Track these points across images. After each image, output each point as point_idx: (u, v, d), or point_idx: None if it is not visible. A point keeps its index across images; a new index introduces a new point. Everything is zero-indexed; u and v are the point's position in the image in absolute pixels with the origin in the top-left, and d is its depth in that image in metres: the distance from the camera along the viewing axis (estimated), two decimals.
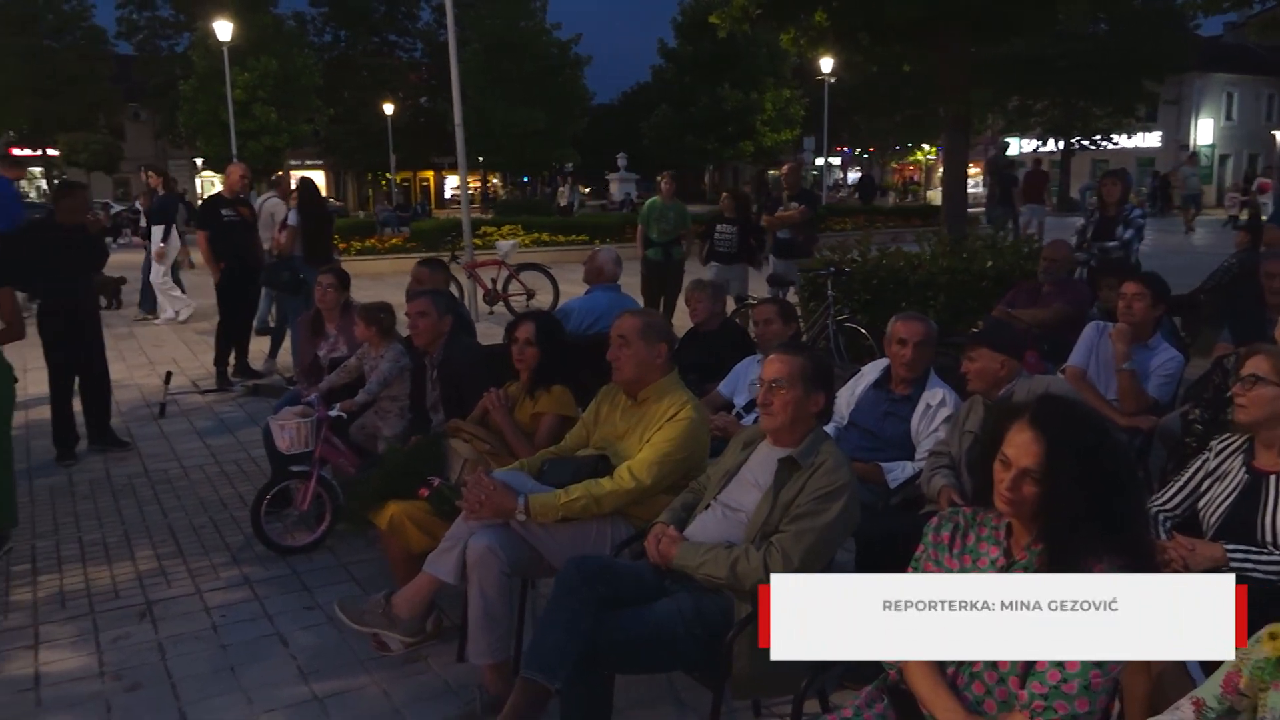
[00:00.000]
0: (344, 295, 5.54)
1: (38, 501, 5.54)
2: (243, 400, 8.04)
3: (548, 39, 42.20)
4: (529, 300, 12.54)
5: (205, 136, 37.38)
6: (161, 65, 45.80)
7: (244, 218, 8.63)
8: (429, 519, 3.62)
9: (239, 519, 5.18)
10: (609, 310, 5.46)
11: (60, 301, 6.19)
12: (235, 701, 3.39)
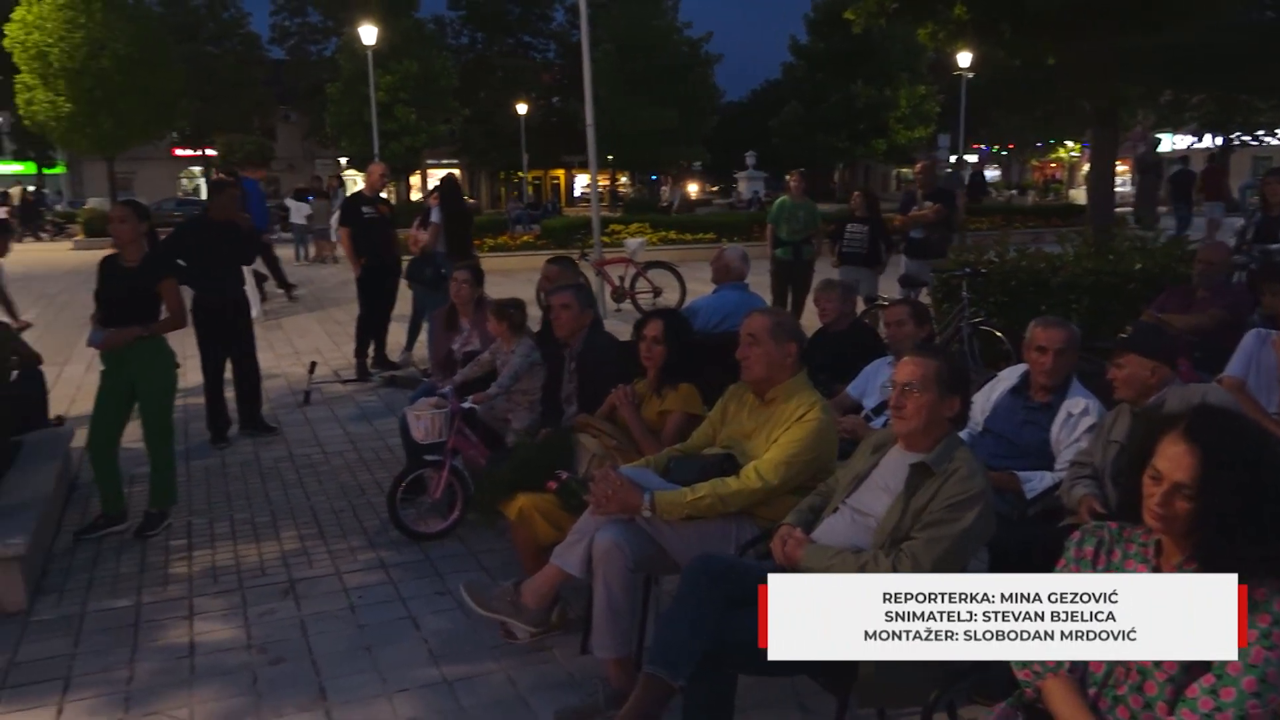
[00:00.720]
0: (478, 291, 5.69)
1: (194, 482, 5.89)
2: (380, 390, 8.35)
3: (678, 38, 42.33)
4: (656, 298, 12.61)
5: (349, 137, 39.00)
6: (310, 69, 48.01)
7: (383, 215, 8.97)
8: (556, 511, 3.69)
9: (376, 504, 5.38)
10: (736, 308, 5.44)
11: (214, 294, 6.56)
12: (370, 680, 3.52)
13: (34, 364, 6.25)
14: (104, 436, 5.03)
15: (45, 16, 30.38)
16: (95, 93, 30.78)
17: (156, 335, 5.06)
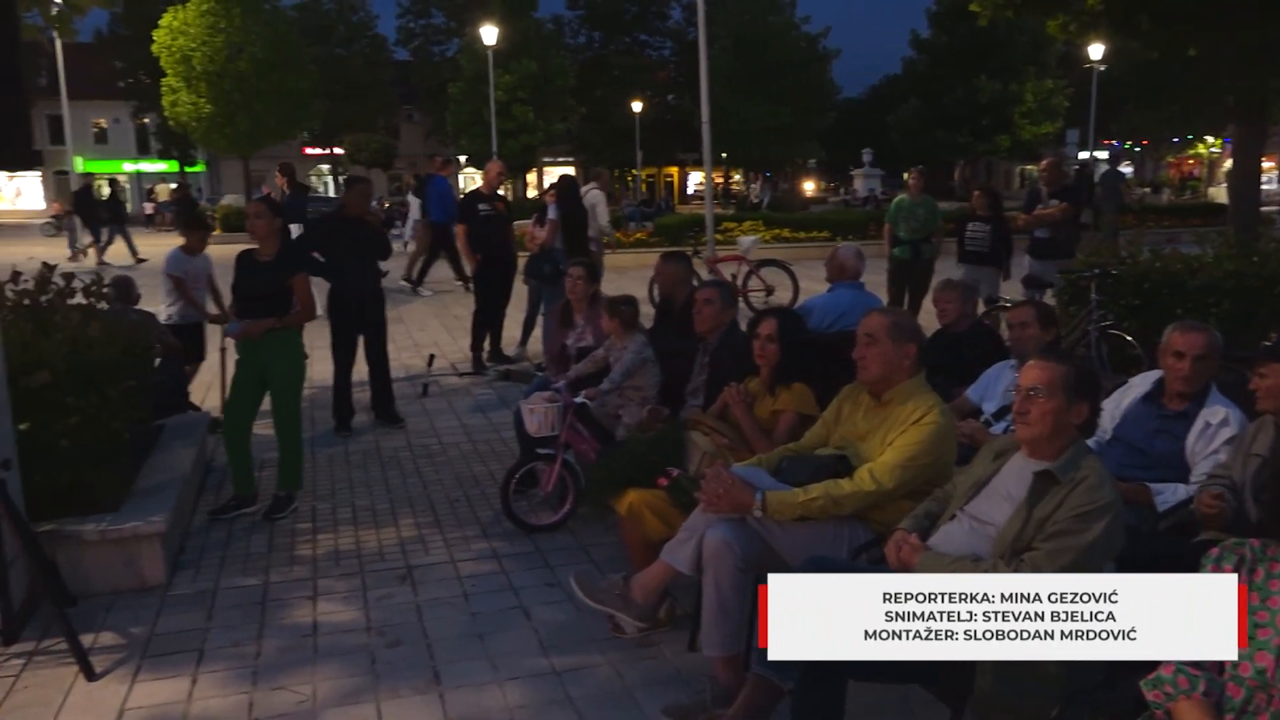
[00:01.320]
0: (593, 287, 5.75)
1: (318, 468, 6.13)
2: (495, 384, 8.53)
3: (796, 33, 41.87)
4: (768, 296, 12.52)
5: (469, 135, 39.95)
6: (434, 70, 49.37)
7: (499, 212, 9.15)
8: (667, 508, 3.70)
9: (489, 495, 5.50)
10: (851, 308, 5.35)
11: (348, 288, 6.82)
12: (482, 667, 3.60)
13: (175, 352, 6.60)
14: (238, 422, 5.28)
15: (189, 22, 32.06)
16: (234, 94, 32.33)
17: (288, 327, 5.29)
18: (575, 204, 9.31)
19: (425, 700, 3.39)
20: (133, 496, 4.60)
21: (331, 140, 47.96)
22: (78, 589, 4.18)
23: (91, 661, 3.60)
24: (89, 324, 4.66)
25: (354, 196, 7.02)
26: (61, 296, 4.91)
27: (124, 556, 4.30)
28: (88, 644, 3.72)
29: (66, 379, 4.30)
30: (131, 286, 6.60)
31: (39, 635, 3.86)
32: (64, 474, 4.31)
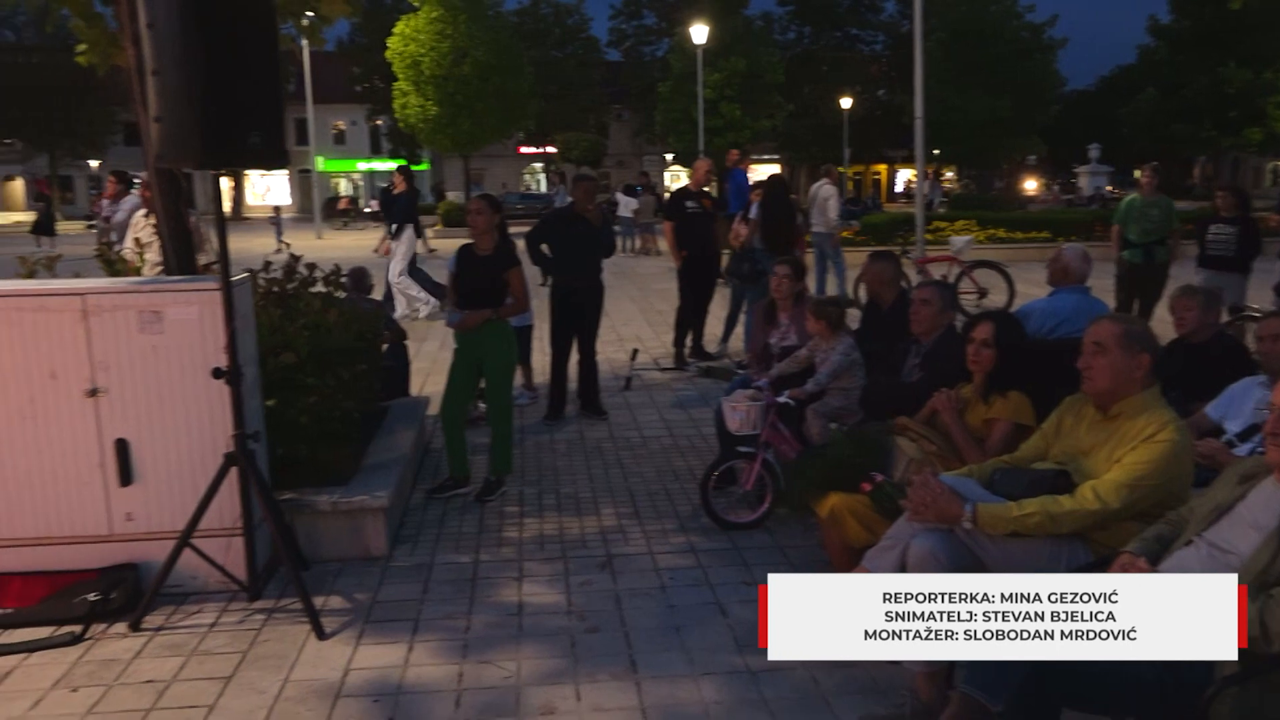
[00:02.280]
0: (798, 286, 5.70)
1: (526, 455, 6.38)
2: (696, 380, 8.60)
3: (1019, 23, 39.82)
4: (980, 299, 11.99)
5: (677, 134, 40.45)
6: (643, 69, 50.31)
7: (706, 209, 9.21)
8: (869, 514, 3.62)
9: (689, 490, 5.55)
10: (1075, 313, 5.05)
11: (570, 282, 7.07)
12: (677, 660, 3.65)
13: (401, 339, 7.05)
14: (454, 407, 5.58)
15: (420, 29, 34.12)
16: (457, 96, 34.15)
17: (503, 318, 5.53)
18: (780, 204, 9.24)
19: (622, 687, 3.46)
20: (361, 472, 4.95)
21: (545, 139, 49.78)
22: (311, 554, 4.54)
23: (322, 622, 3.90)
24: (328, 311, 5.05)
25: (580, 193, 7.29)
26: (305, 285, 5.35)
27: (352, 527, 4.64)
28: (319, 605, 4.03)
29: (308, 361, 4.68)
30: (365, 276, 7.10)
31: (278, 594, 4.23)
32: (303, 448, 4.69)
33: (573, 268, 7.12)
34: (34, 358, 4.09)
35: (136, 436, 4.17)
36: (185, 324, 4.11)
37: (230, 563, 4.14)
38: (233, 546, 4.16)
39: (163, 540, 4.13)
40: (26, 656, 3.74)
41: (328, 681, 3.52)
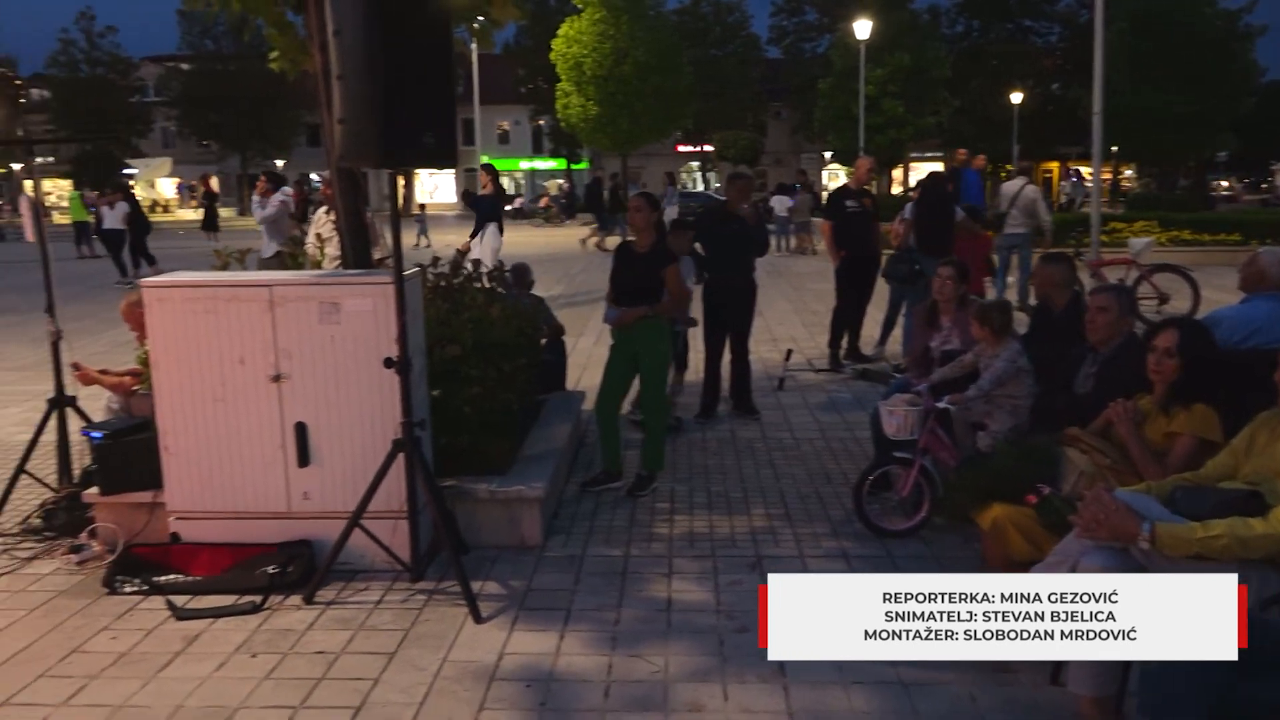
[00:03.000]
0: (962, 288, 5.51)
1: (678, 452, 6.41)
2: (851, 382, 8.44)
3: (1211, 10, 37.15)
4: (1161, 305, 11.27)
5: (836, 131, 39.83)
6: (803, 66, 49.72)
7: (866, 208, 9.02)
8: (1034, 528, 3.46)
9: (841, 494, 5.46)
10: (1270, 322, 4.68)
11: (723, 281, 7.08)
12: (827, 666, 3.57)
13: (559, 335, 7.22)
14: (609, 402, 5.67)
15: (583, 30, 34.83)
16: (617, 96, 34.68)
17: (659, 316, 5.58)
18: (938, 203, 8.96)
19: (769, 690, 3.44)
20: (518, 463, 5.10)
21: (702, 137, 49.90)
22: (470, 540, 4.70)
23: (479, 606, 4.04)
24: (491, 305, 5.22)
25: (734, 192, 7.29)
26: (470, 280, 5.55)
27: (509, 516, 4.78)
28: (476, 590, 4.17)
29: (471, 354, 4.85)
30: (527, 273, 7.29)
31: (438, 576, 4.40)
32: (464, 437, 4.87)
33: (726, 267, 7.10)
34: (226, 344, 4.40)
35: (314, 420, 4.43)
36: (360, 315, 4.34)
37: (396, 544, 4.34)
38: (398, 529, 4.36)
39: (334, 520, 4.37)
40: (213, 621, 4.03)
41: (483, 664, 3.64)
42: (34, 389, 8.34)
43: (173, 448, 4.51)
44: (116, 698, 3.45)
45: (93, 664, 3.69)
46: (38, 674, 3.62)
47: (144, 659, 3.73)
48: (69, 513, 4.97)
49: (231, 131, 52.17)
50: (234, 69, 51.16)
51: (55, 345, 5.31)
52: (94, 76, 53.02)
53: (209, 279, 4.61)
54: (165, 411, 4.50)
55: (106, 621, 4.05)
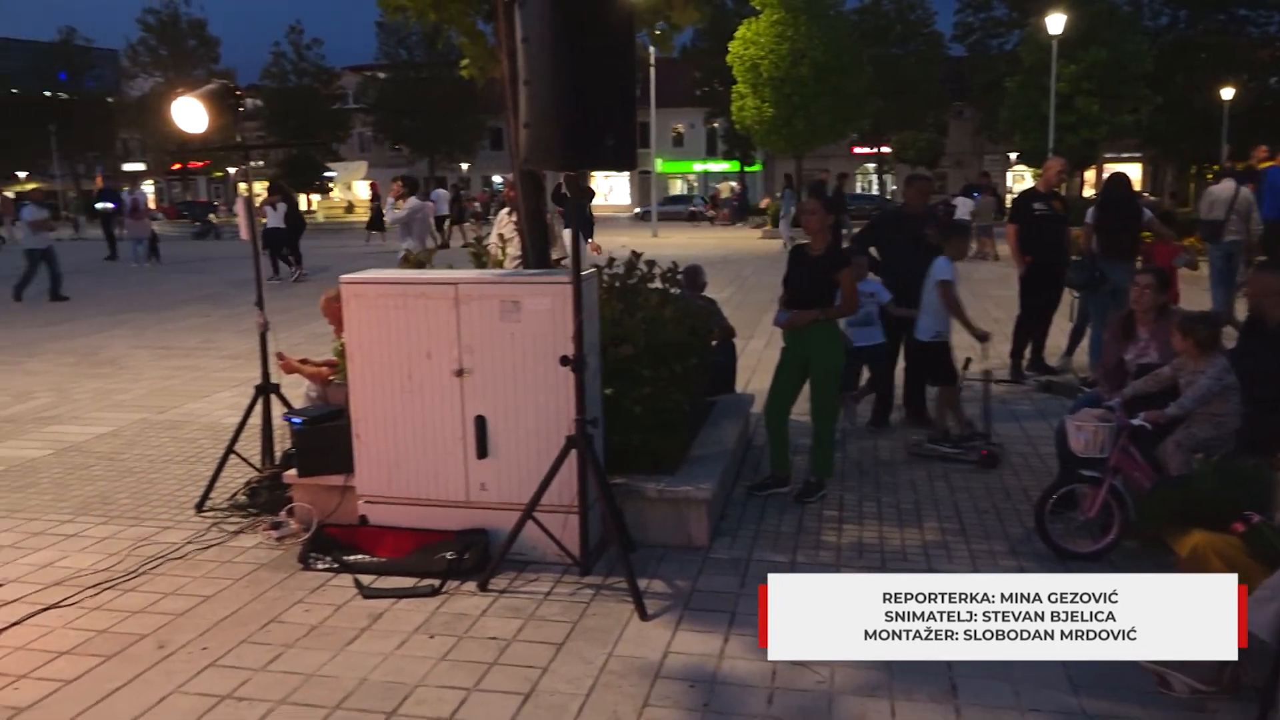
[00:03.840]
0: (1162, 298, 5.16)
1: (848, 460, 6.30)
2: (1034, 395, 8.05)
3: None
4: None
5: (1023, 131, 38.09)
6: (989, 64, 47.77)
7: (1055, 212, 8.58)
8: (1241, 557, 3.21)
9: (1021, 511, 5.22)
10: None
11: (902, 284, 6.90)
12: (1003, 690, 3.44)
13: (729, 336, 7.21)
14: (779, 406, 5.62)
15: (760, 32, 34.68)
16: (793, 98, 34.35)
17: (831, 320, 5.49)
18: (1121, 205, 8.39)
19: (940, 710, 3.32)
20: (687, 464, 5.13)
21: (879, 139, 48.74)
22: (637, 538, 4.77)
23: (645, 604, 4.09)
24: (664, 306, 5.27)
25: (913, 194, 7.11)
26: (644, 281, 5.62)
27: (676, 516, 4.82)
28: (642, 587, 4.22)
29: (644, 353, 4.91)
30: (699, 274, 7.31)
31: (605, 572, 4.49)
32: (635, 436, 4.93)
33: (901, 272, 6.91)
34: (414, 339, 4.63)
35: (493, 414, 4.60)
36: (539, 314, 4.47)
37: (566, 538, 4.45)
38: (569, 523, 4.47)
39: (508, 511, 4.53)
40: (395, 601, 4.25)
41: (648, 661, 3.68)
42: (242, 376, 9.04)
43: (363, 435, 4.79)
44: (308, 667, 3.69)
45: (288, 634, 3.97)
46: (240, 639, 3.92)
47: (333, 632, 3.97)
48: (270, 492, 5.36)
49: (421, 136, 54.93)
50: (425, 76, 53.92)
51: (263, 336, 5.72)
52: (301, 86, 56.93)
53: (401, 277, 4.86)
54: (357, 401, 4.78)
55: (301, 595, 4.34)
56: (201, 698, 3.48)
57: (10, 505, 5.63)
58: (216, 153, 24.71)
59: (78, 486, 5.97)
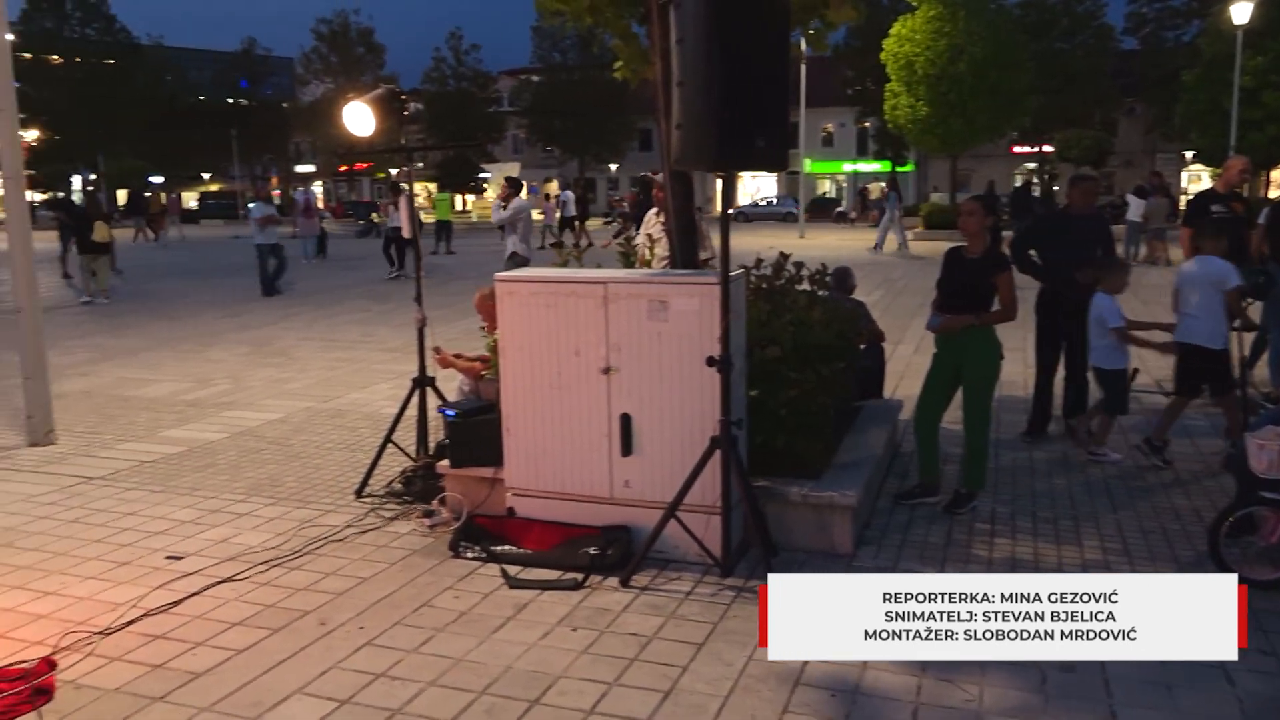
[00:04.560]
0: None
1: (1001, 471, 6.05)
2: (1209, 409, 7.52)
3: None
4: None
5: (1201, 128, 35.72)
6: (1164, 57, 45.05)
7: (1236, 213, 8.02)
8: None
9: (1192, 534, 4.91)
10: None
11: (1063, 287, 6.61)
12: (1165, 716, 3.24)
13: (878, 340, 7.06)
14: (929, 413, 5.47)
15: (916, 29, 33.76)
16: (949, 95, 33.28)
17: (987, 325, 5.29)
18: None
19: None
20: (831, 469, 5.04)
21: (1041, 137, 46.66)
22: (779, 542, 4.72)
23: None
24: (812, 308, 5.20)
25: (1077, 194, 6.80)
26: (791, 282, 5.56)
27: (819, 521, 4.75)
28: None
29: (790, 355, 4.86)
30: (848, 276, 7.19)
31: (746, 574, 4.46)
32: (779, 439, 4.89)
33: (1064, 275, 6.59)
34: (563, 336, 4.73)
35: (638, 412, 4.65)
36: (686, 314, 4.49)
37: (708, 538, 4.45)
38: (711, 524, 4.47)
39: (650, 509, 4.56)
40: (540, 593, 4.35)
41: (789, 667, 3.63)
42: (399, 369, 9.44)
43: (513, 430, 4.92)
44: (456, 651, 3.82)
45: (438, 618, 4.12)
46: (394, 621, 4.09)
47: (480, 620, 4.10)
48: (424, 481, 5.57)
49: (572, 138, 56.03)
50: (577, 79, 54.93)
51: (421, 331, 5.96)
52: (459, 90, 58.96)
53: (551, 275, 4.97)
54: (508, 396, 4.92)
55: (450, 582, 4.49)
56: (358, 674, 3.66)
57: (192, 484, 6.05)
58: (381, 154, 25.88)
59: (250, 469, 6.37)
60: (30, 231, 7.13)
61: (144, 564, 4.77)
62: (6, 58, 6.68)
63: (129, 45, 59.06)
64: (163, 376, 9.61)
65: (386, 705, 3.44)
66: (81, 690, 3.57)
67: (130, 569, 4.70)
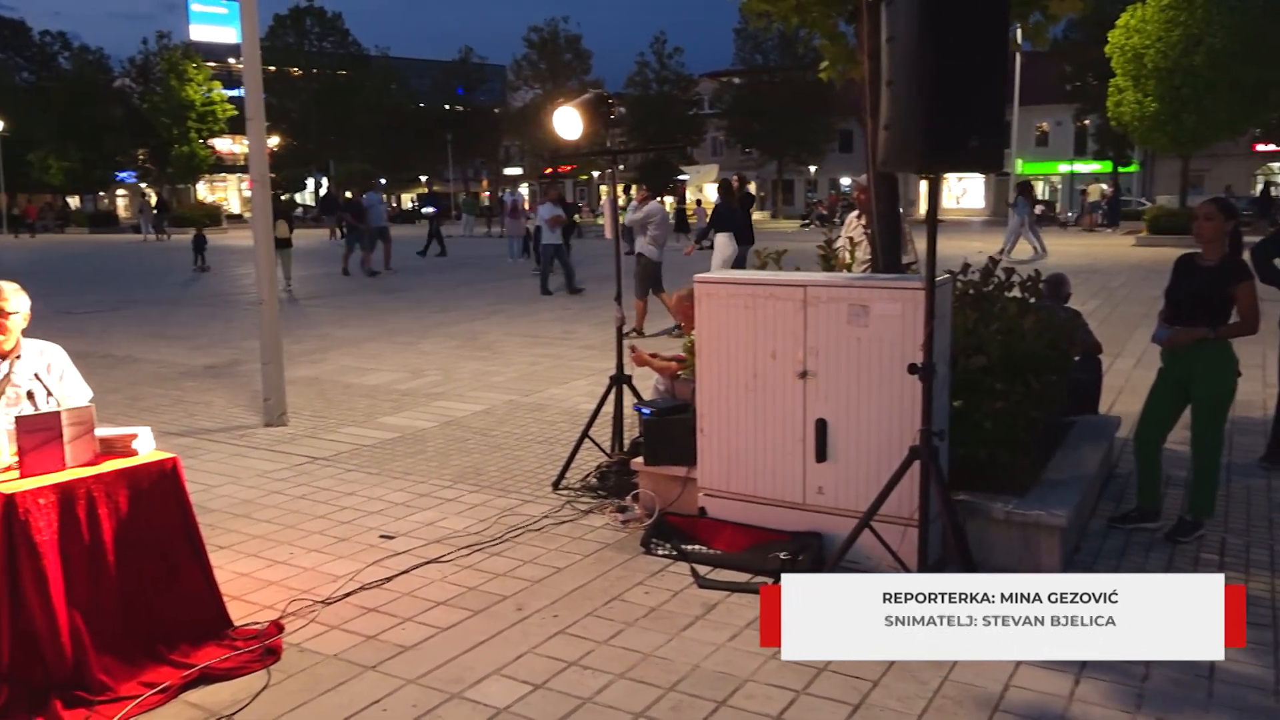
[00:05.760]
0: None
1: (1233, 498, 5.55)
2: None
3: None
4: None
5: None
6: None
7: None
8: None
9: None
10: None
11: None
12: None
13: (1095, 352, 6.63)
14: (1151, 432, 5.09)
15: (1147, 19, 31.47)
16: (1182, 90, 30.83)
17: (1222, 339, 4.87)
18: None
19: None
20: (1039, 486, 4.77)
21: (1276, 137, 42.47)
22: (979, 559, 4.49)
23: None
24: (1023, 316, 4.95)
25: None
26: (1001, 289, 5.31)
27: (1023, 540, 4.51)
28: None
29: (998, 366, 4.64)
30: (1063, 284, 6.79)
31: None
32: (983, 452, 4.67)
33: None
34: (760, 339, 4.71)
35: (834, 418, 4.56)
36: (888, 319, 4.37)
37: (903, 551, 4.31)
38: (907, 536, 4.33)
39: (843, 517, 4.47)
40: (729, 594, 4.35)
41: (987, 691, 3.47)
42: (597, 365, 9.68)
43: (707, 430, 4.94)
44: (646, 646, 3.88)
45: (629, 612, 4.19)
46: (586, 612, 4.20)
47: (669, 617, 4.14)
48: (618, 477, 5.69)
49: (770, 139, 55.75)
50: (779, 80, 54.60)
51: (619, 329, 6.09)
52: (661, 93, 59.86)
53: (750, 277, 4.96)
54: (703, 396, 4.94)
55: (641, 577, 4.57)
56: (551, 660, 3.78)
57: (404, 469, 6.44)
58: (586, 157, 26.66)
59: (456, 457, 6.70)
60: (271, 231, 7.79)
61: (360, 541, 5.11)
62: (257, 71, 7.32)
63: (360, 57, 63.49)
64: (382, 366, 10.27)
65: (577, 694, 3.54)
66: (304, 654, 3.87)
67: (349, 544, 5.06)
